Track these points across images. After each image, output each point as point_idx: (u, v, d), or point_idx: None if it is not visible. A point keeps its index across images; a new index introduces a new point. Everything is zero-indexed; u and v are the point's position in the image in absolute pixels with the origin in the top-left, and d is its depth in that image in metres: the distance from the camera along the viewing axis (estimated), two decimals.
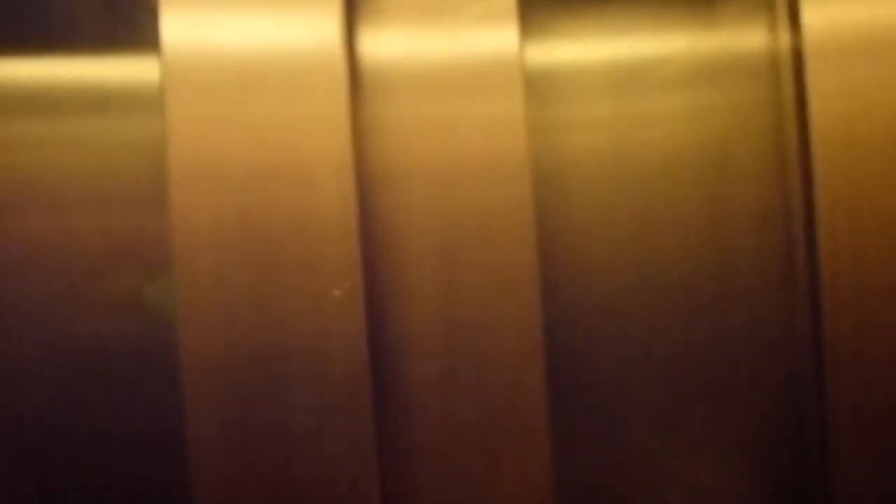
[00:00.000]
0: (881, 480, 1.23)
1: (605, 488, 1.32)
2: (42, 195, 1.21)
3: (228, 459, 1.08)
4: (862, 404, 1.24)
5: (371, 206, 1.12)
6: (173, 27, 1.04)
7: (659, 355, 1.32)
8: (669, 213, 1.33)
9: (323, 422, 1.09)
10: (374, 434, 1.10)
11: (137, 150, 1.18)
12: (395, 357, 1.14)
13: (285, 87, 1.05)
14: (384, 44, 1.14)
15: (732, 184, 1.33)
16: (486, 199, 1.16)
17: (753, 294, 1.33)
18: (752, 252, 1.34)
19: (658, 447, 1.33)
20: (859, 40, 1.24)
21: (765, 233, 1.34)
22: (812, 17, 1.24)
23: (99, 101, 1.22)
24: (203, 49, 1.05)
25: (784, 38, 1.32)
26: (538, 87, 1.26)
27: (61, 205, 1.21)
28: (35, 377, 1.19)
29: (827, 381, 1.25)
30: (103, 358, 1.20)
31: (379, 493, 1.11)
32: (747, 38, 1.35)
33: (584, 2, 1.31)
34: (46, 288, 1.19)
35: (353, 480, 1.10)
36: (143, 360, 1.17)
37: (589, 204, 1.30)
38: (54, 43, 1.22)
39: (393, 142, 1.14)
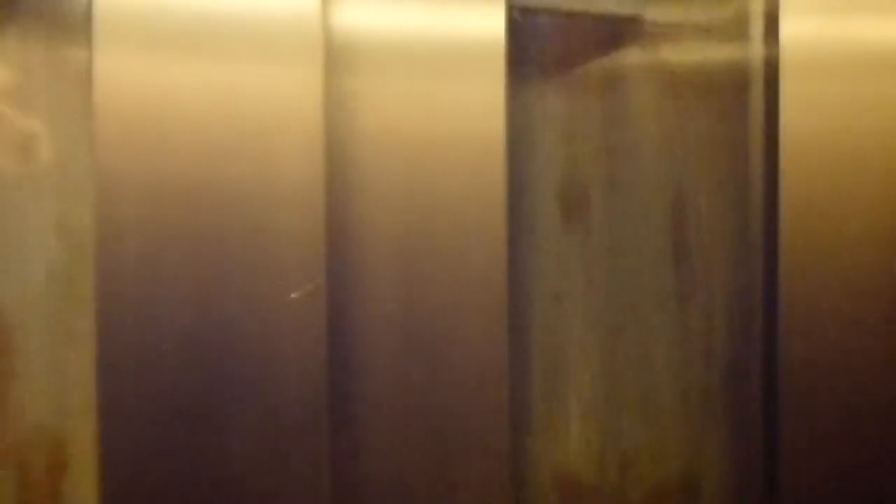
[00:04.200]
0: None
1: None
2: None
3: (172, 467, 0.91)
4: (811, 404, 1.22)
5: (340, 186, 0.97)
6: None
7: (606, 349, 1.26)
8: (634, 205, 1.27)
9: (275, 448, 0.92)
10: (329, 452, 0.95)
11: None
12: (350, 368, 1.00)
13: (253, 48, 0.89)
14: (361, 17, 0.99)
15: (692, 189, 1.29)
16: (461, 181, 1.04)
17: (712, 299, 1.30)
18: (711, 259, 1.30)
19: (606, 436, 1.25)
20: (834, 58, 1.23)
21: (725, 243, 1.30)
22: (790, 32, 1.22)
23: None
24: (159, 6, 0.88)
25: (758, 51, 1.28)
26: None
27: None
28: None
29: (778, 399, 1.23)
30: None
31: None
32: (722, 49, 1.31)
33: None
34: None
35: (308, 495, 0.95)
36: None
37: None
38: None
39: (365, 116, 0.99)
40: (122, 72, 0.87)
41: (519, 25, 1.11)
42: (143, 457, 0.90)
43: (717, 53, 1.32)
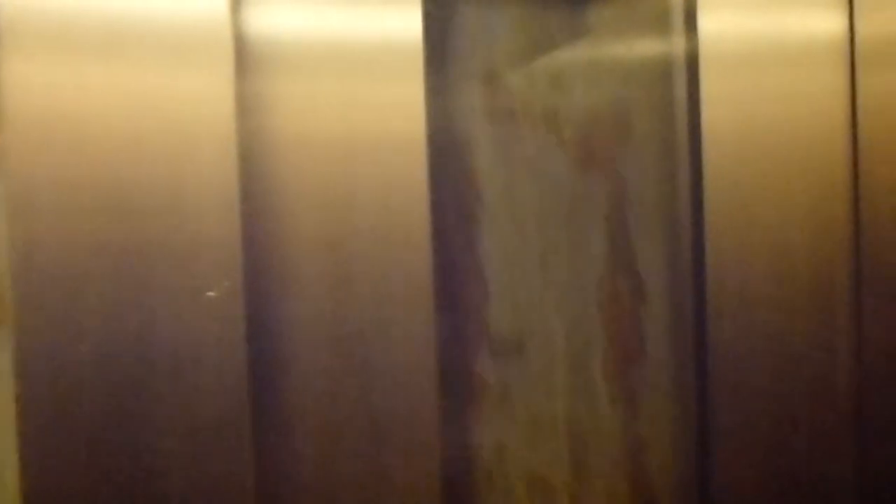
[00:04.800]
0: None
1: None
2: None
3: (92, 482, 0.91)
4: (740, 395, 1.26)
5: (256, 188, 0.98)
6: None
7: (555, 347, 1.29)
8: (562, 203, 1.30)
9: (196, 446, 0.93)
10: (254, 455, 0.97)
11: None
12: (275, 366, 1.01)
13: (160, 51, 0.89)
14: (275, 19, 1.00)
15: (624, 180, 1.32)
16: (382, 183, 1.06)
17: (642, 286, 1.33)
18: (638, 247, 1.33)
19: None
20: (752, 50, 1.25)
21: (653, 231, 1.33)
22: (708, 26, 1.24)
23: None
24: (67, 10, 0.88)
25: (680, 45, 1.31)
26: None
27: None
28: None
29: (707, 381, 1.26)
30: None
31: None
32: (644, 43, 1.33)
33: None
34: None
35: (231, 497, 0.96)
36: None
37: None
38: None
39: (282, 118, 1.00)
40: (30, 78, 0.87)
41: (438, 24, 1.13)
42: (65, 458, 0.91)
43: (643, 48, 1.34)
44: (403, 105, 1.06)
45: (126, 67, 0.89)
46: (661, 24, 1.33)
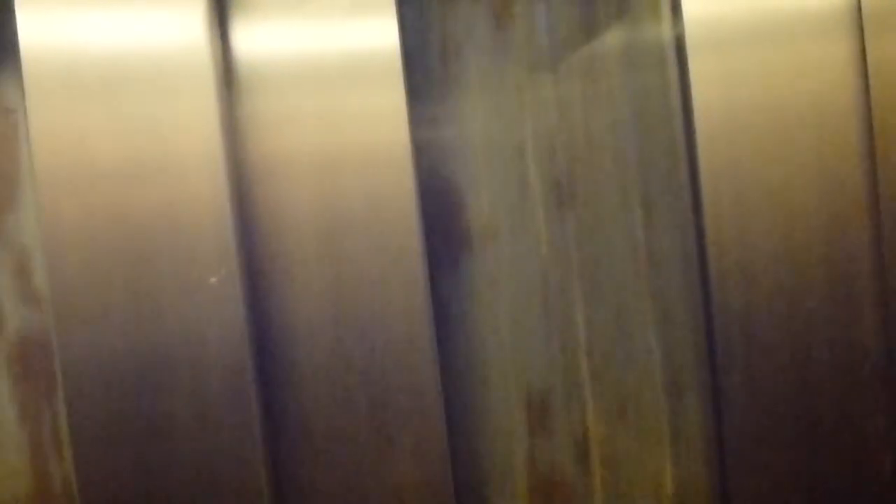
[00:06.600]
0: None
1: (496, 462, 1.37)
2: None
3: (112, 454, 1.11)
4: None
5: (249, 196, 1.15)
6: (30, 28, 1.05)
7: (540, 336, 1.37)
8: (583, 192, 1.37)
9: (206, 411, 1.11)
10: (260, 421, 1.13)
11: None
12: (280, 343, 1.17)
13: (151, 85, 1.07)
14: (259, 37, 1.16)
15: (626, 168, 1.38)
16: (370, 187, 1.19)
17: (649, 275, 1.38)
18: (642, 236, 1.39)
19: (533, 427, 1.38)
20: (736, 31, 1.27)
21: (654, 215, 1.38)
22: (692, 8, 1.27)
23: None
24: (63, 50, 1.06)
25: (667, 29, 1.34)
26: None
27: None
28: None
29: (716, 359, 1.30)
30: None
31: (269, 481, 1.15)
32: (635, 29, 1.37)
33: None
34: None
35: (241, 468, 1.13)
36: None
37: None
38: None
39: (271, 135, 1.16)
40: (55, 121, 1.07)
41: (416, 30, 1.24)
42: (106, 417, 1.11)
43: (636, 35, 1.38)
44: (386, 113, 1.17)
45: (123, 103, 1.08)
46: (652, 9, 1.37)
